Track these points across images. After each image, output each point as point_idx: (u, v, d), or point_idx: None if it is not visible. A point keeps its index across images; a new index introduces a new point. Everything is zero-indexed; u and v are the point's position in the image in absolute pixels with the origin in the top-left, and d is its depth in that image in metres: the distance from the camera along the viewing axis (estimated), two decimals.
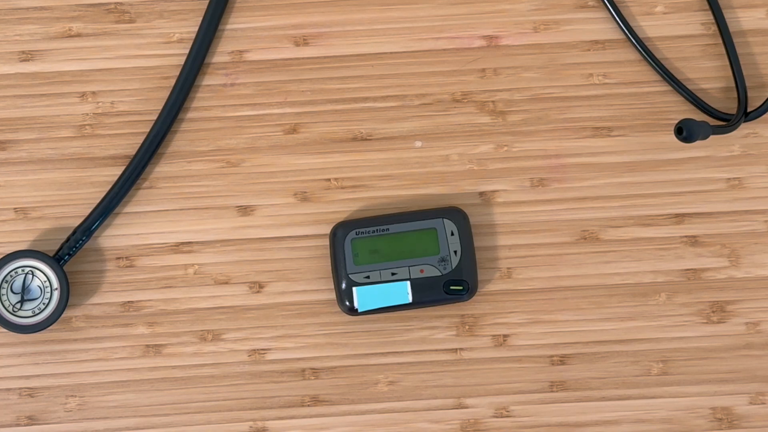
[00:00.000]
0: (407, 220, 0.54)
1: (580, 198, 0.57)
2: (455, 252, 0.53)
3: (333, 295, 0.55)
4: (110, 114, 0.58)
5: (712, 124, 0.55)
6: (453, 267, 0.53)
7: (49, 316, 0.54)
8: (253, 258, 0.56)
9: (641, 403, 0.55)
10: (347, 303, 0.53)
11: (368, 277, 0.53)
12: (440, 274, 0.53)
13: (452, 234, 0.53)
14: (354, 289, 0.53)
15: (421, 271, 0.53)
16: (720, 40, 0.58)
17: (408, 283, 0.53)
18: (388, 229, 0.54)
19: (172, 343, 0.56)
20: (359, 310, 0.53)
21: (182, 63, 0.57)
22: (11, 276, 0.54)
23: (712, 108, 0.57)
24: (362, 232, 0.54)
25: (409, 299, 0.53)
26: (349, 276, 0.53)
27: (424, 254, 0.53)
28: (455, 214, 0.54)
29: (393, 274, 0.53)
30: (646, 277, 0.56)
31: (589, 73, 0.58)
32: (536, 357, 0.56)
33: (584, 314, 0.56)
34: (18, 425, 0.55)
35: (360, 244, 0.53)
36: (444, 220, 0.54)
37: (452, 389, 0.55)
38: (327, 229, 0.55)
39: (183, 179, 0.57)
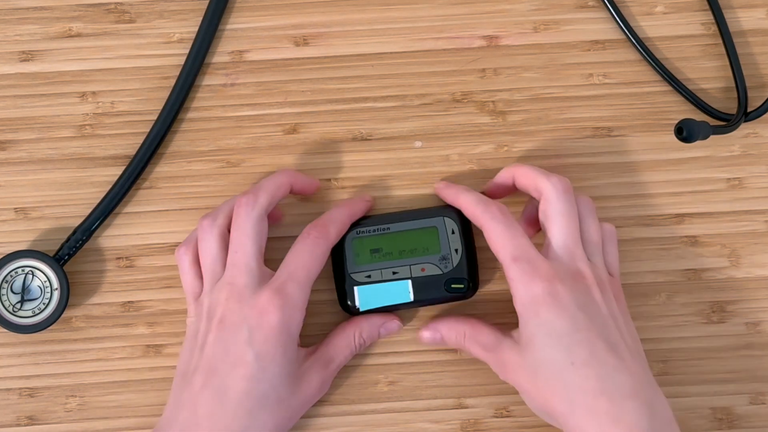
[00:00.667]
0: (408, 218, 0.54)
1: None
2: (456, 250, 0.53)
3: (333, 295, 0.55)
4: (110, 114, 0.58)
5: (712, 124, 0.55)
6: (454, 265, 0.53)
7: (49, 316, 0.54)
8: None
9: None
10: (349, 303, 0.53)
11: (369, 276, 0.53)
12: (441, 272, 0.53)
13: (453, 232, 0.53)
14: (355, 288, 0.53)
15: (422, 269, 0.53)
16: (720, 40, 0.58)
17: (409, 281, 0.53)
18: (388, 228, 0.54)
19: (172, 343, 0.56)
20: (361, 310, 0.53)
21: (182, 63, 0.57)
22: (11, 276, 0.54)
23: (712, 108, 0.58)
24: (363, 232, 0.54)
25: (411, 298, 0.53)
26: (350, 275, 0.53)
27: (425, 253, 0.53)
28: (456, 213, 0.54)
29: (394, 273, 0.53)
30: (646, 277, 0.56)
31: (589, 73, 0.58)
32: None
33: None
34: (18, 425, 0.55)
35: (360, 244, 0.53)
36: (445, 218, 0.53)
37: (452, 389, 0.55)
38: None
39: (183, 179, 0.57)
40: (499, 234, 0.50)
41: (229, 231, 0.52)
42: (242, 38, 0.59)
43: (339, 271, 0.53)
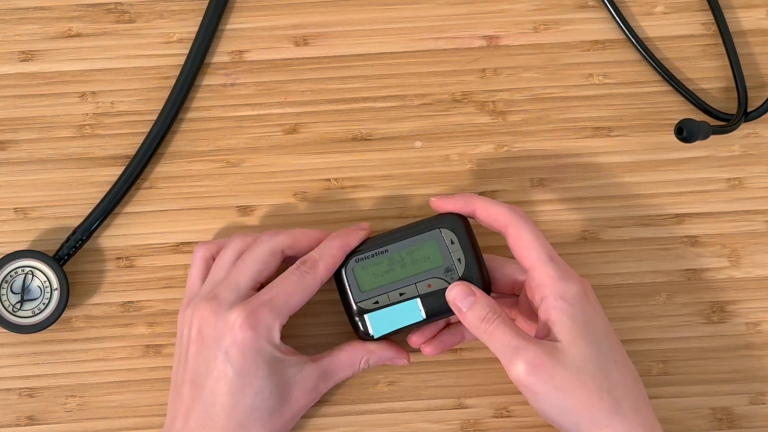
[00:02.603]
0: (404, 236, 0.52)
1: (580, 198, 0.57)
2: (459, 260, 0.51)
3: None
4: (110, 114, 0.58)
5: (712, 124, 0.55)
6: (460, 275, 0.51)
7: (49, 316, 0.54)
8: None
9: None
10: (362, 330, 0.52)
11: (377, 302, 0.51)
12: (448, 284, 0.51)
13: (452, 242, 0.51)
14: (366, 316, 0.52)
15: (429, 285, 0.51)
16: (720, 40, 0.58)
17: (418, 300, 0.51)
18: (387, 250, 0.52)
19: (172, 343, 0.56)
20: (375, 337, 0.52)
21: (182, 63, 0.57)
22: (11, 276, 0.54)
23: (712, 108, 0.58)
24: (361, 258, 0.52)
25: (423, 316, 0.51)
26: (358, 304, 0.52)
27: (428, 268, 0.51)
28: (452, 222, 0.52)
29: (401, 294, 0.51)
30: (646, 277, 0.56)
31: (589, 73, 0.58)
32: None
33: None
34: (18, 425, 0.55)
35: (362, 271, 0.52)
36: (441, 230, 0.52)
37: (452, 389, 0.55)
38: (327, 229, 0.55)
39: (183, 179, 0.57)
40: (536, 234, 0.50)
41: None
42: (242, 38, 0.59)
43: (346, 301, 0.52)
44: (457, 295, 0.50)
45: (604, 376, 0.47)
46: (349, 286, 0.52)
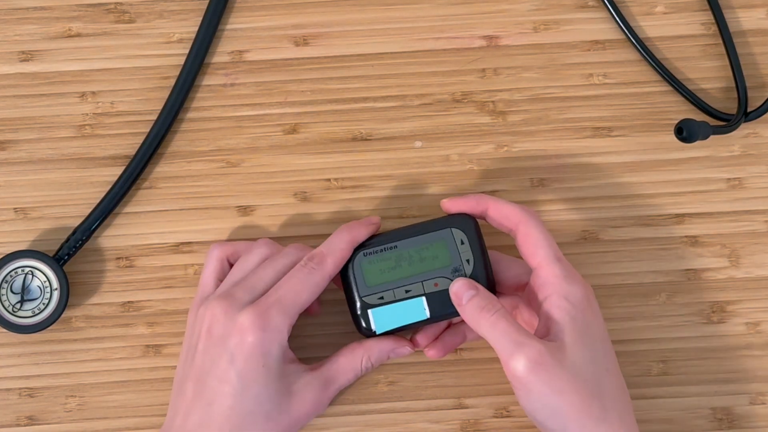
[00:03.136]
0: (414, 234, 0.52)
1: (580, 198, 0.57)
2: (468, 261, 0.51)
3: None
4: (110, 114, 0.58)
5: (712, 124, 0.55)
6: (468, 276, 0.51)
7: (49, 316, 0.54)
8: None
9: (641, 403, 0.55)
10: (364, 327, 0.52)
11: (382, 297, 0.51)
12: None
13: (462, 243, 0.51)
14: (369, 311, 0.51)
15: (435, 284, 0.51)
16: (720, 40, 0.58)
17: (423, 298, 0.51)
18: (396, 246, 0.52)
19: (172, 343, 0.56)
20: (377, 333, 0.51)
21: (182, 63, 0.57)
22: (11, 276, 0.54)
23: (712, 108, 0.58)
24: (369, 253, 0.52)
25: (427, 315, 0.51)
26: (363, 299, 0.51)
27: (436, 267, 0.51)
28: (463, 222, 0.52)
29: (407, 291, 0.51)
30: (646, 277, 0.56)
31: (589, 73, 0.58)
32: None
33: None
34: (18, 425, 0.55)
35: (369, 265, 0.52)
36: (452, 229, 0.52)
37: (452, 389, 0.55)
38: (327, 229, 0.55)
39: (183, 179, 0.57)
40: (545, 234, 0.50)
41: None
42: (242, 38, 0.59)
43: (350, 295, 0.52)
44: (459, 288, 0.50)
45: (597, 382, 0.47)
46: (354, 279, 0.52)
